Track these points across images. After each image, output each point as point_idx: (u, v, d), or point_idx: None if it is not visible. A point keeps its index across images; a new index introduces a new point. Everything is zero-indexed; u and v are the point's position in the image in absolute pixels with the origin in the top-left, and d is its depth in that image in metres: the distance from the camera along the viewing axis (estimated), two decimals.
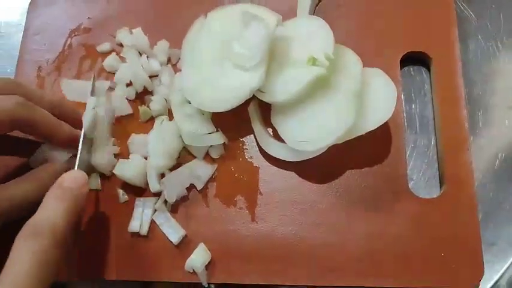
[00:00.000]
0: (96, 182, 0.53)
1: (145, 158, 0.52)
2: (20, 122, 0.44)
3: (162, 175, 0.52)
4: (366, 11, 0.58)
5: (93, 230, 0.52)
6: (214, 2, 0.58)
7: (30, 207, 0.43)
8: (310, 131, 0.49)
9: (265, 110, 0.53)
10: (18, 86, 0.47)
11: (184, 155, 0.53)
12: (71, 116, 0.52)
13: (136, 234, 0.51)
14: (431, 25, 0.56)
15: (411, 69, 0.57)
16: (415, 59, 0.56)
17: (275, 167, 0.52)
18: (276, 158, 0.52)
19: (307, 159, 0.50)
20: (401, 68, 0.55)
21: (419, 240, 0.48)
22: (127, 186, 0.52)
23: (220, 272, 0.49)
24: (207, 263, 0.49)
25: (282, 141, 0.51)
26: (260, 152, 0.53)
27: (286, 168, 0.52)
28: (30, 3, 0.63)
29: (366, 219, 0.50)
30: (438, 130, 0.53)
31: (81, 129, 0.51)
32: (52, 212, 0.40)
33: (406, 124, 0.54)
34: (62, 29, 0.61)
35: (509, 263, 0.50)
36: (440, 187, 0.52)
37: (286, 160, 0.51)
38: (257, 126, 0.53)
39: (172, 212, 0.51)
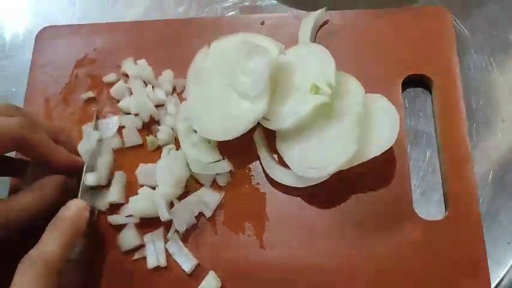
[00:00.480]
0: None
1: (154, 188, 0.54)
2: (20, 143, 0.46)
3: (171, 204, 0.53)
4: (366, 36, 0.59)
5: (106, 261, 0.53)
6: (215, 33, 0.59)
7: (33, 218, 0.46)
8: (315, 158, 0.50)
9: (271, 137, 0.54)
10: (19, 110, 0.49)
11: (191, 183, 0.54)
12: (70, 143, 0.54)
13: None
14: (432, 47, 0.57)
15: (413, 91, 0.58)
16: (417, 81, 0.57)
17: (281, 193, 0.53)
18: (282, 184, 0.53)
19: (312, 185, 0.51)
20: (403, 91, 0.57)
21: (427, 262, 0.49)
22: None
23: None
24: None
25: (288, 167, 0.52)
26: (266, 178, 0.54)
27: (292, 194, 0.53)
28: (36, 36, 0.64)
29: (372, 243, 0.50)
30: (441, 152, 0.54)
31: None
32: (49, 243, 0.43)
33: (409, 146, 0.55)
34: (68, 60, 0.62)
35: (501, 276, 0.51)
36: (445, 208, 0.52)
37: (292, 186, 0.52)
38: (263, 153, 0.54)
39: (183, 240, 0.52)
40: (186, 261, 0.51)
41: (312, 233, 0.52)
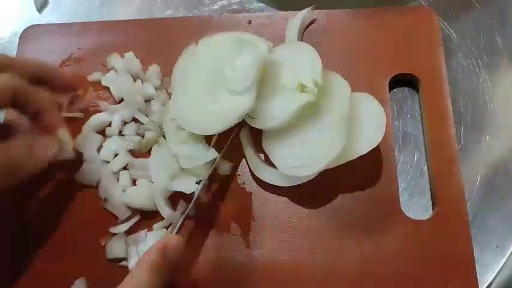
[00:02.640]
0: None
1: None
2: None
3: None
4: (353, 35, 0.59)
5: None
6: (203, 31, 0.59)
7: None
8: (301, 157, 0.50)
9: (257, 136, 0.54)
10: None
11: None
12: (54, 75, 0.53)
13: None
14: (419, 47, 0.58)
15: (401, 94, 0.58)
16: (404, 81, 0.58)
17: (268, 193, 0.53)
18: (268, 183, 0.52)
19: (299, 184, 0.51)
20: (390, 90, 0.57)
21: (413, 261, 0.49)
22: None
23: None
24: None
25: (274, 166, 0.51)
26: (253, 177, 0.54)
27: (279, 194, 0.53)
28: (21, 34, 0.64)
29: (359, 241, 0.50)
30: (428, 151, 0.54)
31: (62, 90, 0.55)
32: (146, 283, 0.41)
33: (396, 146, 0.55)
34: (52, 59, 0.62)
35: (489, 281, 0.51)
36: (433, 207, 0.52)
37: (279, 185, 0.52)
38: (249, 152, 0.54)
39: None
40: None
41: (298, 233, 0.51)
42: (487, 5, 0.63)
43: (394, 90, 0.58)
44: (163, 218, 0.52)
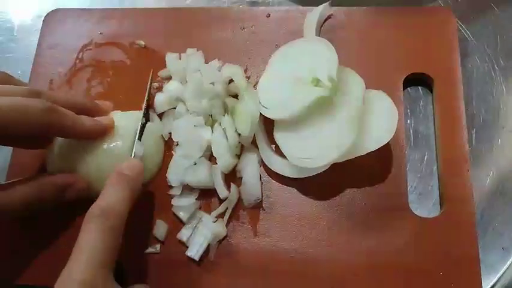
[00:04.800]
0: None
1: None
2: (48, 128, 0.46)
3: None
4: (370, 33, 0.59)
5: None
6: (222, 22, 0.61)
7: (22, 209, 0.46)
8: (311, 148, 0.50)
9: (269, 127, 0.55)
10: (41, 93, 0.49)
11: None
12: (88, 108, 0.53)
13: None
14: (434, 47, 0.58)
15: (414, 90, 0.59)
16: (418, 80, 0.58)
17: (278, 183, 0.54)
18: (278, 174, 0.53)
19: (309, 176, 0.52)
20: (404, 89, 0.57)
21: (418, 258, 0.49)
22: None
23: (221, 284, 0.51)
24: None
25: (285, 157, 0.52)
26: (263, 167, 0.55)
27: (289, 185, 0.54)
28: (44, 18, 0.65)
29: (366, 236, 0.51)
30: (439, 150, 0.54)
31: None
32: (115, 197, 0.44)
33: (407, 143, 0.56)
34: (74, 43, 0.63)
35: (494, 282, 0.51)
36: (441, 206, 0.53)
37: (289, 176, 0.53)
38: (261, 142, 0.55)
39: None
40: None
41: (305, 224, 0.52)
42: (506, 8, 0.63)
43: (409, 89, 0.58)
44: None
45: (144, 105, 0.56)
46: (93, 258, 0.39)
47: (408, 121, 0.57)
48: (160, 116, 0.58)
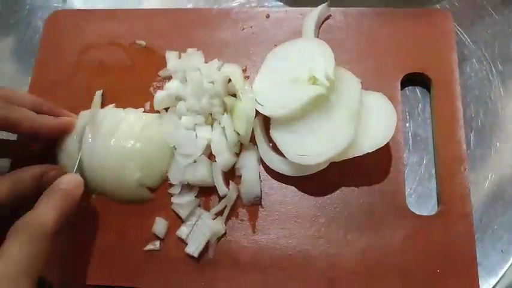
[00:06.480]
0: None
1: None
2: (2, 123, 0.48)
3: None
4: (368, 33, 0.60)
5: None
6: (222, 23, 0.61)
7: (5, 204, 0.47)
8: (308, 146, 0.51)
9: (269, 126, 0.55)
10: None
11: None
12: (55, 110, 0.55)
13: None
14: (432, 48, 0.58)
15: (412, 92, 0.59)
16: (416, 80, 0.58)
17: (276, 181, 0.54)
18: (277, 171, 0.53)
19: (307, 175, 0.52)
20: (402, 89, 0.57)
21: (415, 256, 0.50)
22: None
23: (220, 281, 0.51)
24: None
25: (283, 155, 0.52)
26: (262, 165, 0.55)
27: (287, 183, 0.54)
28: (46, 19, 0.66)
29: (363, 234, 0.51)
30: (437, 150, 0.54)
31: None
32: (44, 209, 0.44)
33: (405, 143, 0.56)
34: (75, 44, 0.64)
35: (493, 284, 0.51)
36: (438, 205, 0.53)
37: (287, 175, 0.53)
38: (259, 140, 0.55)
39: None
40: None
41: (304, 222, 0.52)
42: (503, 13, 0.63)
43: (407, 92, 0.59)
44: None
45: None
46: (7, 273, 0.39)
47: (407, 124, 0.57)
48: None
